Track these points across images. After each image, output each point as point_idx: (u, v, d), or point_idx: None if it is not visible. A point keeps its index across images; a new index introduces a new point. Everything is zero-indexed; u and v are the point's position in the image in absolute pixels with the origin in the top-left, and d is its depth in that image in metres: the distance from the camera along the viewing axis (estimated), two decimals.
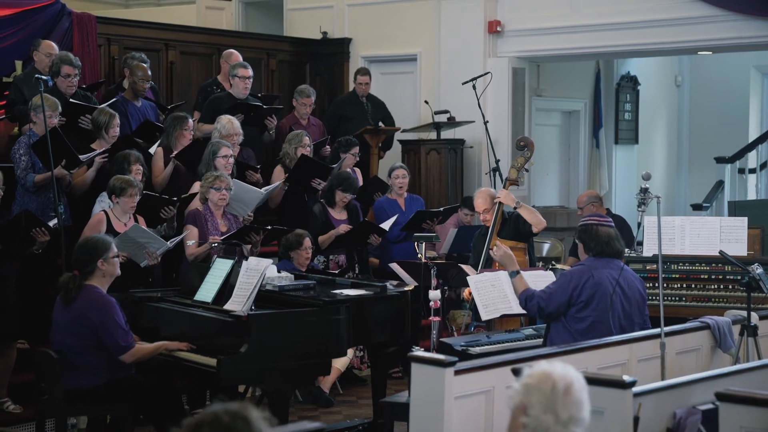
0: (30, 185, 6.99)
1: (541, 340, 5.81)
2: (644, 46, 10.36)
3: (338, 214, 8.01)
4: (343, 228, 7.80)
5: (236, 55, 9.26)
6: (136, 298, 6.17)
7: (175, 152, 7.61)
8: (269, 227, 7.26)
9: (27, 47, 8.62)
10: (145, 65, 8.34)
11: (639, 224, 7.88)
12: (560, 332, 5.42)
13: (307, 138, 8.49)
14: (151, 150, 7.67)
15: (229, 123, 7.95)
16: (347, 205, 8.04)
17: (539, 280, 5.84)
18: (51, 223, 6.46)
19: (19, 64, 8.74)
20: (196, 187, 7.36)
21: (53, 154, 6.58)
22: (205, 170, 7.40)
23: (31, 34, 8.69)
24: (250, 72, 8.76)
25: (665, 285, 7.14)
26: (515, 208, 6.98)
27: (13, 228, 6.30)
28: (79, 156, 7.05)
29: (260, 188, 7.74)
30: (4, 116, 7.80)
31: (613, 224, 5.60)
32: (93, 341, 5.40)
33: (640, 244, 7.78)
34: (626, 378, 4.09)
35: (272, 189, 7.86)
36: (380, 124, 9.94)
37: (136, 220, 6.76)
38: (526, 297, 5.53)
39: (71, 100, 7.57)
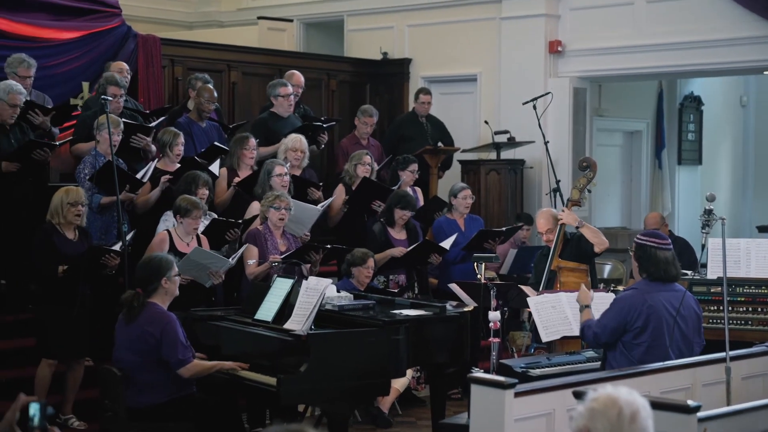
0: (95, 206, 7.12)
1: None
2: (708, 66, 10.22)
3: (398, 233, 8.00)
4: (398, 251, 7.79)
5: (297, 76, 9.35)
6: (197, 317, 6.22)
7: (237, 180, 7.70)
8: (329, 246, 7.29)
9: (93, 69, 8.80)
10: (211, 87, 8.47)
11: (703, 246, 7.70)
12: (618, 359, 5.33)
13: (368, 157, 8.54)
14: (212, 168, 7.76)
15: (298, 140, 8.09)
16: (407, 224, 8.04)
17: (601, 301, 5.76)
18: (116, 247, 6.58)
19: (86, 85, 8.91)
20: (253, 207, 7.43)
21: (112, 184, 6.71)
22: (261, 190, 7.49)
23: (98, 56, 8.88)
24: (289, 89, 8.82)
25: (730, 308, 7.01)
26: (578, 227, 6.91)
27: (84, 263, 6.47)
28: (139, 174, 7.17)
29: (319, 206, 7.79)
30: (71, 137, 7.94)
31: (671, 246, 5.48)
32: (154, 357, 5.45)
33: (704, 266, 7.65)
34: (691, 403, 4.02)
35: (326, 204, 7.89)
36: (439, 144, 9.94)
37: (198, 241, 6.83)
38: (584, 326, 5.46)
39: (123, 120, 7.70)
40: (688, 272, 7.52)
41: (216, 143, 8.07)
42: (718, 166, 13.98)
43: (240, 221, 7.20)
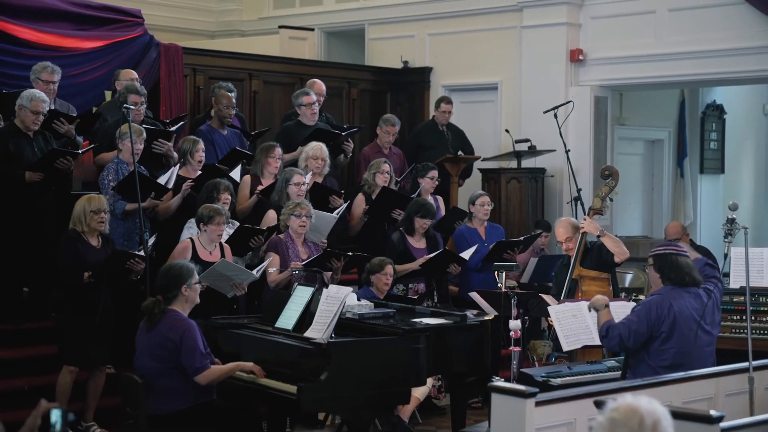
0: (120, 213, 7.17)
1: None
2: (731, 75, 10.17)
3: (417, 242, 8.00)
4: (417, 265, 7.78)
5: (319, 84, 9.39)
6: (218, 325, 6.24)
7: (260, 188, 7.73)
8: (350, 253, 7.30)
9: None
10: (230, 94, 8.52)
11: (725, 255, 7.70)
12: (641, 368, 5.30)
13: (387, 165, 8.55)
14: (233, 174, 7.79)
15: (319, 148, 8.11)
16: (426, 232, 8.04)
17: (621, 310, 5.74)
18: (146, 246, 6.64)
19: (108, 94, 8.98)
20: (269, 216, 7.46)
21: (136, 192, 6.77)
22: (278, 198, 7.51)
23: (121, 65, 8.94)
24: (313, 98, 8.86)
25: (753, 318, 6.96)
26: (599, 236, 6.89)
27: (108, 268, 6.54)
28: (163, 180, 7.21)
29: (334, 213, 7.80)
30: (93, 146, 8.00)
31: (687, 253, 5.48)
32: (174, 364, 5.45)
33: (727, 275, 7.59)
34: (713, 413, 3.99)
35: (341, 211, 7.90)
36: (460, 152, 9.94)
37: (221, 249, 6.86)
38: (607, 328, 5.42)
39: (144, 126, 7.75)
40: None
41: (237, 148, 8.10)
42: (740, 174, 13.89)
43: (265, 228, 7.22)
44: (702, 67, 10.03)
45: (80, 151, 7.49)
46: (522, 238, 8.60)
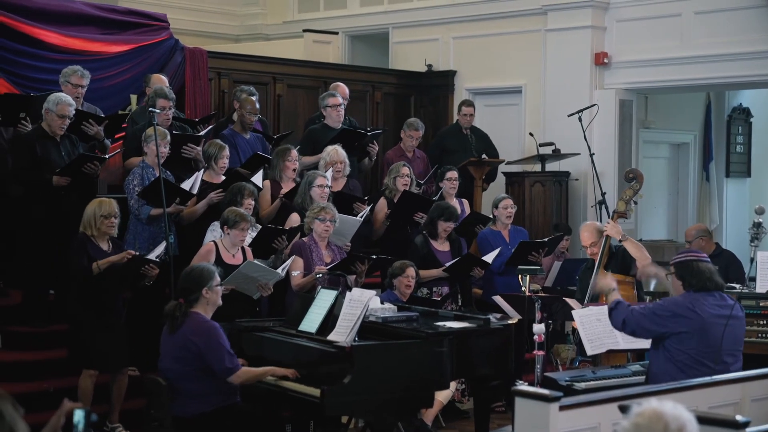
0: (145, 217, 7.20)
1: None
2: (757, 78, 10.09)
3: (441, 245, 7.99)
4: (441, 272, 7.77)
5: (342, 88, 9.40)
6: (242, 328, 6.26)
7: (283, 192, 7.75)
8: (374, 256, 7.30)
9: (142, 82, 8.91)
10: (253, 99, 8.53)
11: (752, 260, 7.65)
12: (660, 362, 5.26)
13: (406, 168, 8.55)
14: (254, 179, 7.82)
15: (335, 152, 8.11)
16: (449, 236, 8.03)
17: (604, 316, 5.70)
18: (154, 255, 6.64)
19: (134, 98, 9.03)
20: (292, 218, 7.47)
21: (161, 197, 6.82)
22: (301, 200, 7.53)
23: (146, 69, 8.99)
24: (339, 99, 8.87)
25: None
26: (621, 241, 6.86)
27: (126, 271, 6.58)
28: (187, 185, 7.25)
29: (358, 217, 7.81)
30: (121, 149, 8.05)
31: (708, 259, 5.43)
32: (198, 366, 5.47)
33: (753, 279, 7.55)
34: (740, 418, 3.95)
35: (365, 214, 7.90)
36: (483, 156, 9.92)
37: (243, 252, 6.88)
38: (616, 305, 5.37)
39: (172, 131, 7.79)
40: (737, 286, 7.43)
41: (258, 152, 8.13)
42: (767, 178, 13.78)
43: (288, 228, 7.23)
44: (728, 70, 9.97)
45: (107, 156, 7.54)
46: (546, 239, 8.57)
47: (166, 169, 7.32)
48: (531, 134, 10.41)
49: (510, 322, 6.19)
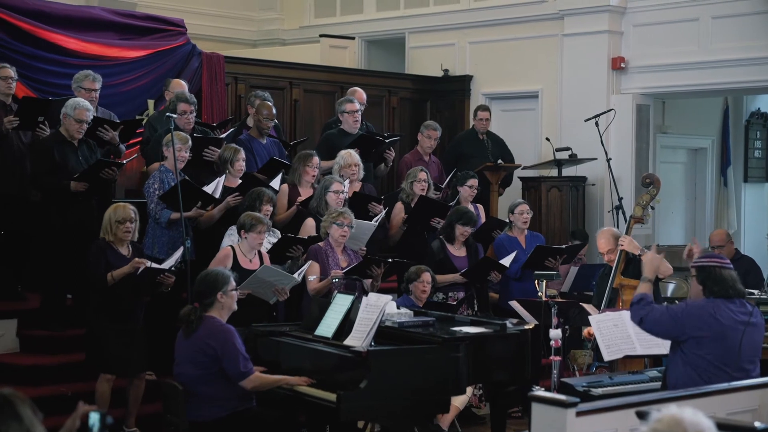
0: (165, 221, 7.22)
1: None
2: None
3: (457, 250, 7.98)
4: (459, 278, 7.77)
5: (360, 93, 9.41)
6: (258, 332, 6.27)
7: (300, 199, 7.76)
8: (390, 260, 7.30)
9: (159, 86, 8.96)
10: (269, 104, 8.55)
11: None
12: (678, 366, 5.23)
13: (424, 173, 8.55)
14: (272, 183, 7.83)
15: (348, 155, 8.11)
16: (466, 241, 8.01)
17: (613, 323, 5.67)
18: (170, 263, 6.65)
19: (151, 102, 9.07)
20: (307, 225, 7.47)
21: (184, 200, 6.83)
22: (316, 204, 7.53)
23: (163, 74, 9.03)
24: (356, 105, 8.88)
25: None
26: (639, 255, 6.77)
27: (141, 281, 6.60)
28: (209, 189, 7.27)
29: (373, 221, 7.81)
30: (138, 153, 8.08)
31: (731, 265, 5.37)
32: (214, 370, 5.49)
33: None
34: (758, 425, 3.93)
35: (380, 218, 7.90)
36: (500, 161, 9.91)
37: (260, 257, 6.89)
38: (640, 298, 5.33)
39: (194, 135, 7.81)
40: (755, 291, 7.39)
41: (276, 158, 8.14)
42: None
43: (306, 237, 7.24)
44: (746, 74, 9.92)
45: (125, 161, 7.57)
46: (564, 247, 8.52)
47: (190, 173, 7.33)
48: (547, 139, 10.39)
49: (526, 327, 6.17)
